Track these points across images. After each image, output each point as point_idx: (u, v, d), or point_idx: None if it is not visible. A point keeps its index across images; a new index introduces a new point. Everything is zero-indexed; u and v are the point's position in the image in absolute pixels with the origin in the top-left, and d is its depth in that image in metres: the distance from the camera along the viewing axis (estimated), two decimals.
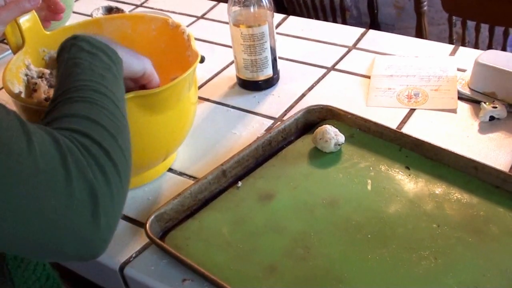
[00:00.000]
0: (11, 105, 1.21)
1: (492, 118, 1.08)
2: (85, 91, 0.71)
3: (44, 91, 0.99)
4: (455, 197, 0.93)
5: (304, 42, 1.42)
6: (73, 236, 0.62)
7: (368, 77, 1.26)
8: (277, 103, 1.21)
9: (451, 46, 1.33)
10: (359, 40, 1.40)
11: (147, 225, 0.90)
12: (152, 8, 1.66)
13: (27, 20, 1.01)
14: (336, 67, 1.31)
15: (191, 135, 1.07)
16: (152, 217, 0.91)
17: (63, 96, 0.71)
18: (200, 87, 1.28)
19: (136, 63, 0.87)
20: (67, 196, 0.61)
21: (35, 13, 1.03)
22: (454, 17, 1.92)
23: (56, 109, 0.70)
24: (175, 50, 1.07)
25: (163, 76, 1.01)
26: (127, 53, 0.85)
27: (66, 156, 0.62)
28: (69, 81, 0.73)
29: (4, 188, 0.57)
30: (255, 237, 0.90)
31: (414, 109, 1.14)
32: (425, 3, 1.98)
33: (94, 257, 0.67)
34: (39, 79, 1.00)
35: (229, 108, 1.21)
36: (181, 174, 1.06)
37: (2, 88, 1.07)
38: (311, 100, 1.19)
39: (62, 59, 0.78)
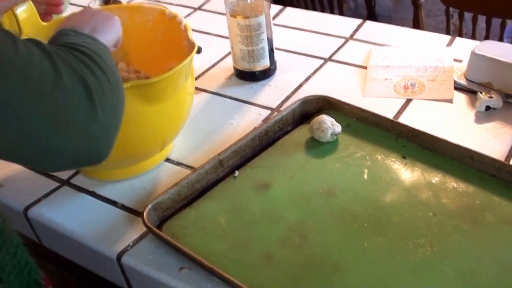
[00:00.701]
0: None
1: (488, 108, 1.08)
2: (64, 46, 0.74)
3: None
4: (451, 186, 0.93)
5: (301, 33, 1.42)
6: (73, 126, 0.64)
7: (365, 67, 1.26)
8: (274, 94, 1.21)
9: (448, 37, 1.33)
10: (356, 31, 1.40)
11: (145, 214, 0.90)
12: None
13: (23, 11, 1.01)
14: (333, 57, 1.31)
15: (188, 125, 1.07)
16: (149, 206, 0.91)
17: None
18: (197, 78, 1.28)
19: (111, 38, 0.87)
20: (60, 86, 0.63)
21: (32, 4, 1.03)
22: (451, 9, 1.92)
23: None
24: (172, 40, 1.07)
25: (160, 66, 1.02)
26: (104, 32, 0.85)
27: (51, 54, 0.65)
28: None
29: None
30: (252, 226, 0.91)
31: (411, 99, 1.15)
32: None
33: (101, 155, 0.69)
34: None
35: (226, 99, 1.22)
36: (178, 163, 1.06)
37: None
38: (308, 91, 1.20)
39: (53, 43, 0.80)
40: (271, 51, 1.23)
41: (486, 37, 1.82)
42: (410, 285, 0.80)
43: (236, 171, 1.01)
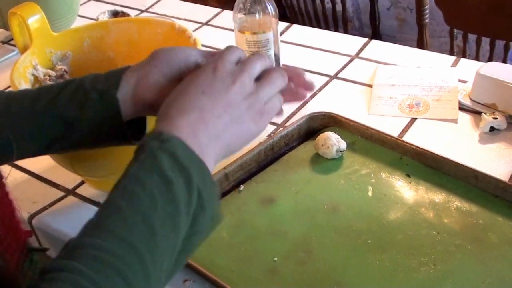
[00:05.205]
0: None
1: (492, 129, 1.09)
2: (113, 256, 0.56)
3: None
4: (454, 205, 0.94)
5: (307, 50, 1.44)
6: None
7: (370, 86, 1.27)
8: None
9: (453, 58, 1.35)
10: (361, 49, 1.41)
11: None
12: (157, 14, 1.67)
13: (35, 21, 1.02)
14: (339, 75, 1.32)
15: None
16: None
17: (90, 242, 0.57)
18: None
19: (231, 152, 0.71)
20: None
21: (43, 15, 1.04)
22: (455, 30, 1.94)
23: (71, 257, 0.56)
24: None
25: None
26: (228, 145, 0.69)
27: None
28: (108, 223, 0.59)
29: None
30: (256, 240, 0.91)
31: (415, 118, 1.15)
32: (427, 15, 2.00)
33: None
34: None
35: None
36: None
37: (9, 87, 1.09)
38: (313, 107, 1.20)
39: (130, 167, 0.62)
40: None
41: (490, 59, 1.84)
42: None
43: (241, 185, 1.01)
